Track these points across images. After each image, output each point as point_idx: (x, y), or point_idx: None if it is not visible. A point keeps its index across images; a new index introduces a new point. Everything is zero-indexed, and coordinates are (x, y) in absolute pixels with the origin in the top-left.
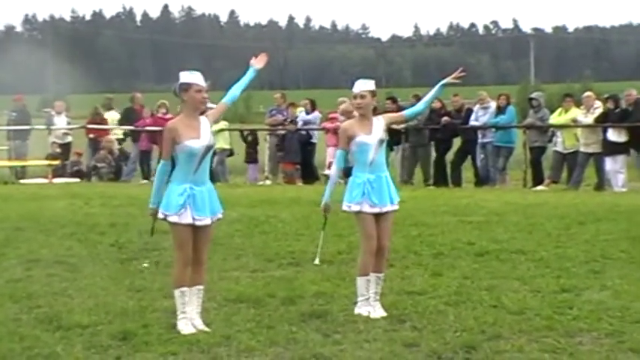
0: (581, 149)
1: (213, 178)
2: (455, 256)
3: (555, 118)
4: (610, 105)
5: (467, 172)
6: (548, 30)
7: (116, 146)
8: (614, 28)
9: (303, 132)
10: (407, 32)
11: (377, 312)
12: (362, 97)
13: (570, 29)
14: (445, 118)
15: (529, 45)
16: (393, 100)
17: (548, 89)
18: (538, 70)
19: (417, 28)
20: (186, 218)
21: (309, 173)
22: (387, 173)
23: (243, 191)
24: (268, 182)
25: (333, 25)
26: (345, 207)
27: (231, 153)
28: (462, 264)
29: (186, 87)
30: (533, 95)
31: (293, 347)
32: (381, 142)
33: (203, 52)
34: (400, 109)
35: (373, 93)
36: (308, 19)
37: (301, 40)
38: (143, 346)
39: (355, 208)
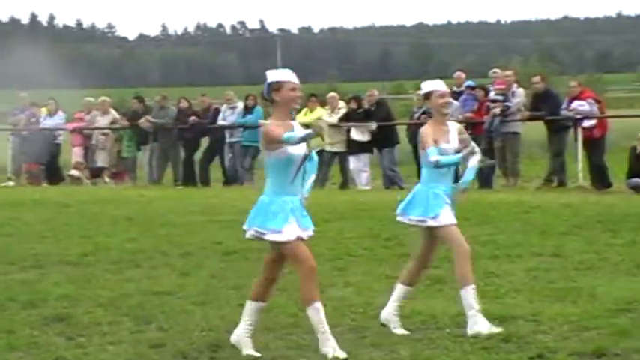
0: (327, 148)
1: None
2: (203, 256)
3: (301, 118)
4: (353, 105)
5: (215, 172)
6: (294, 31)
7: None
8: (357, 30)
9: (48, 132)
10: (154, 32)
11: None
12: (449, 94)
13: (316, 30)
14: (193, 118)
15: (276, 45)
16: (140, 99)
17: None
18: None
19: (164, 28)
20: (294, 232)
21: (55, 174)
22: None
23: None
24: (12, 183)
25: (79, 24)
26: (431, 222)
27: None
28: (209, 263)
29: (278, 86)
30: None
31: (35, 351)
32: (458, 151)
33: None
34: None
35: None
36: (52, 17)
37: (45, 39)
38: None
39: (444, 221)
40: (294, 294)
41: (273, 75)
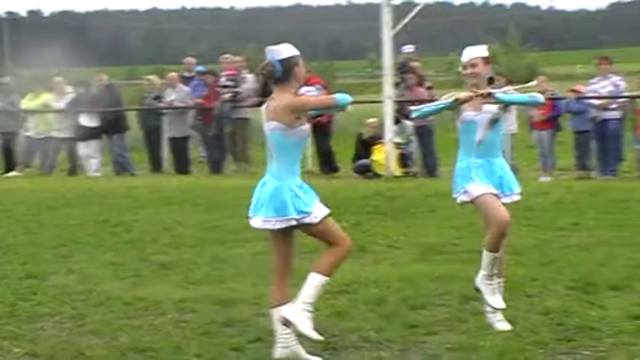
0: (54, 134)
1: None
2: None
3: (27, 103)
4: (81, 90)
5: None
6: (23, 14)
7: None
8: (89, 14)
9: None
10: None
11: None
12: (472, 65)
13: (46, 13)
14: None
15: (2, 29)
16: None
17: (23, 73)
18: (13, 54)
19: None
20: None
21: None
22: (502, 159)
23: None
24: None
25: None
26: (458, 198)
27: None
28: None
29: (297, 61)
30: (3, 80)
31: None
32: (494, 121)
33: None
34: None
35: (486, 60)
36: None
37: None
38: None
39: (464, 197)
40: (12, 283)
41: (288, 49)
